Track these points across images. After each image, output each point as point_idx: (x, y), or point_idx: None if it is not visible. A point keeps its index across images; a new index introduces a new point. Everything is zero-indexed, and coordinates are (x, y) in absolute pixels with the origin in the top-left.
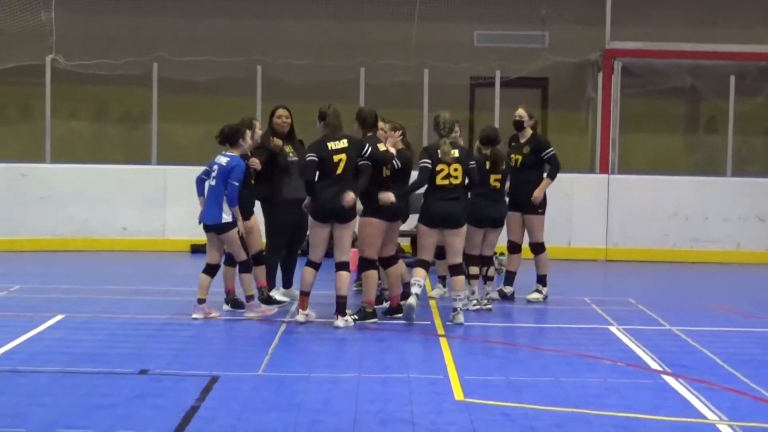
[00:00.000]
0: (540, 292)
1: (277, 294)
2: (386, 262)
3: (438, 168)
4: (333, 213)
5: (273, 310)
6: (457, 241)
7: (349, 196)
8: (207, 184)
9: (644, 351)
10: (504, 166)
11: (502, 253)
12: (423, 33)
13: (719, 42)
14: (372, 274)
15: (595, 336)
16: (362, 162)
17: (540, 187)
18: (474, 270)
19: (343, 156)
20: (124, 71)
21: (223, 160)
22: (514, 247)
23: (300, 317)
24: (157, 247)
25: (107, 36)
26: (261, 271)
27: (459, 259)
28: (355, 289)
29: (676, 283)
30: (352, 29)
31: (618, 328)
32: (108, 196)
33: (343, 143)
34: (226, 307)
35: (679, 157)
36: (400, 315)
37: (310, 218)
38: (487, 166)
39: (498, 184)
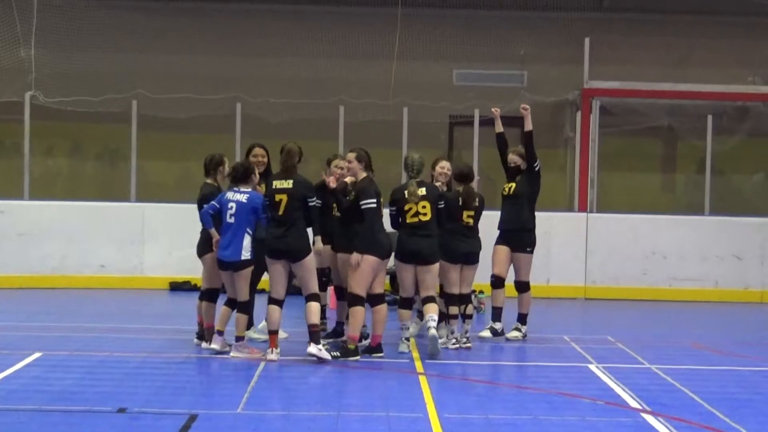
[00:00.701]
0: (519, 330)
1: (254, 332)
2: (374, 300)
3: (406, 207)
4: (282, 253)
5: (260, 353)
6: (428, 277)
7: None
8: (225, 220)
9: (623, 389)
10: (477, 203)
11: (480, 291)
12: (402, 71)
13: (696, 82)
14: (359, 311)
15: (574, 374)
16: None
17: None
18: (453, 310)
19: (284, 197)
20: (104, 108)
21: (242, 197)
22: (497, 282)
23: (273, 356)
24: (135, 285)
25: (86, 73)
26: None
27: (432, 292)
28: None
29: (655, 321)
30: (331, 67)
31: (597, 366)
32: (86, 234)
33: (288, 183)
34: (197, 341)
35: (657, 196)
36: (380, 354)
37: (266, 256)
38: (460, 203)
39: (471, 221)
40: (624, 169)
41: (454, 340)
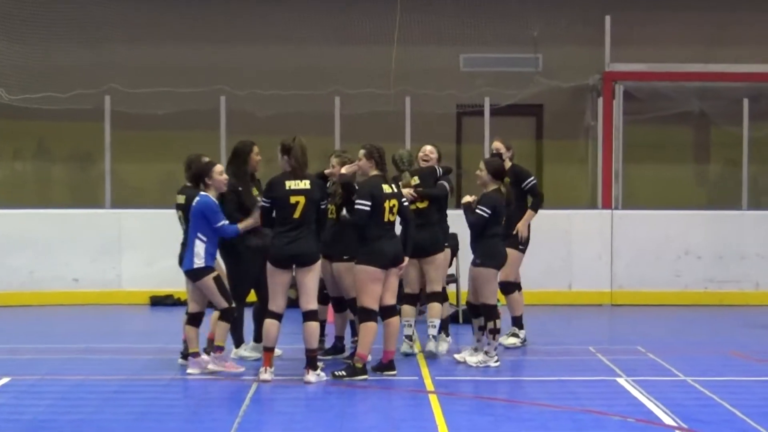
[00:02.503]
0: (517, 335)
1: (245, 349)
2: (384, 313)
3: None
4: (292, 258)
5: (239, 369)
6: (432, 270)
7: None
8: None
9: (656, 404)
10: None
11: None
12: (403, 57)
13: (730, 62)
14: (370, 327)
15: (602, 389)
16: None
17: (523, 220)
18: (498, 323)
19: (302, 199)
20: (73, 105)
21: (193, 200)
22: (510, 287)
23: (267, 375)
24: (112, 300)
25: (53, 67)
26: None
27: (437, 287)
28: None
29: (690, 329)
30: (324, 54)
31: (626, 380)
32: (57, 245)
33: (305, 184)
34: (182, 361)
35: (690, 190)
36: (393, 372)
37: (268, 264)
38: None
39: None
40: (652, 160)
41: (496, 357)
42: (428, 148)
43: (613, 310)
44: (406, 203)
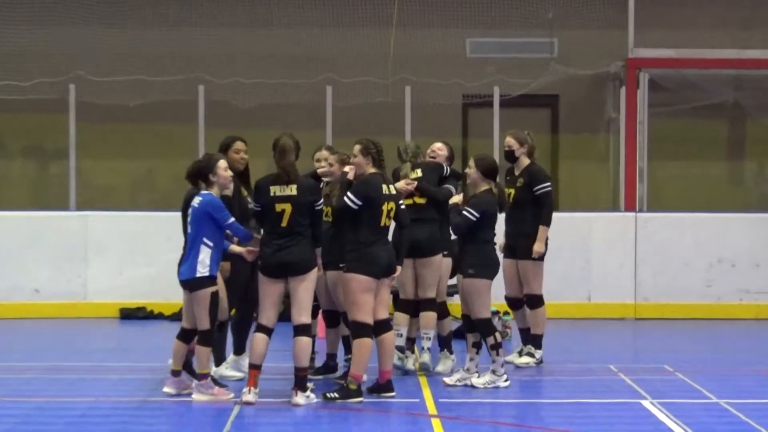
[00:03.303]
0: (532, 355)
1: (227, 368)
2: (377, 328)
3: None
4: (283, 267)
5: (229, 395)
6: (427, 273)
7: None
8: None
9: (685, 430)
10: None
11: (506, 312)
12: (403, 42)
13: (767, 47)
14: (364, 343)
15: (625, 412)
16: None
17: (538, 240)
18: (498, 337)
19: (287, 207)
20: (33, 95)
21: (196, 201)
22: (517, 303)
23: (250, 396)
24: (77, 313)
25: (11, 52)
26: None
27: (431, 294)
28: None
29: (723, 345)
30: (315, 39)
31: (652, 402)
32: (15, 251)
33: (291, 189)
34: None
35: (723, 190)
36: (391, 394)
37: (259, 273)
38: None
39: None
40: (680, 157)
41: (505, 376)
42: (438, 144)
43: (637, 325)
44: (403, 207)
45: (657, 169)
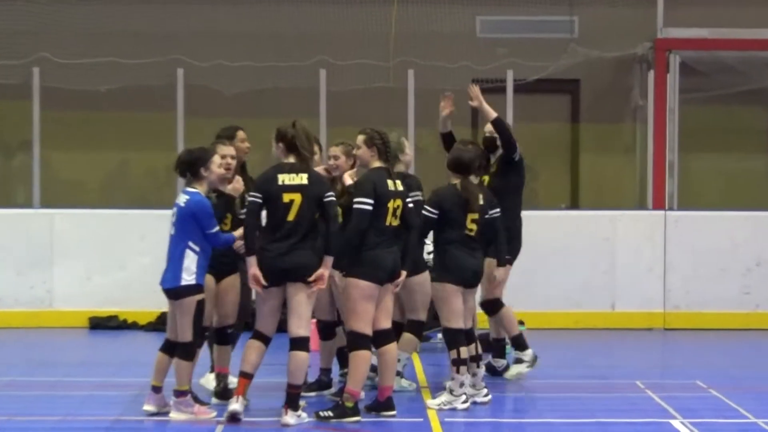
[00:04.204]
0: (521, 360)
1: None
2: (379, 339)
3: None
4: (285, 273)
5: (211, 413)
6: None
7: None
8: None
9: None
10: (481, 203)
11: (520, 322)
12: (406, 20)
13: None
14: (362, 356)
15: None
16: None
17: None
18: (464, 352)
19: (297, 197)
20: None
21: (182, 199)
22: (490, 305)
23: (237, 405)
24: (41, 322)
25: None
26: (225, 352)
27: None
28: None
29: (761, 359)
30: (307, 17)
31: (683, 422)
32: None
33: (302, 178)
34: (214, 400)
35: (761, 186)
36: (392, 413)
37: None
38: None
39: (474, 228)
40: (715, 148)
41: (463, 397)
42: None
43: (667, 336)
44: (411, 205)
45: (689, 163)
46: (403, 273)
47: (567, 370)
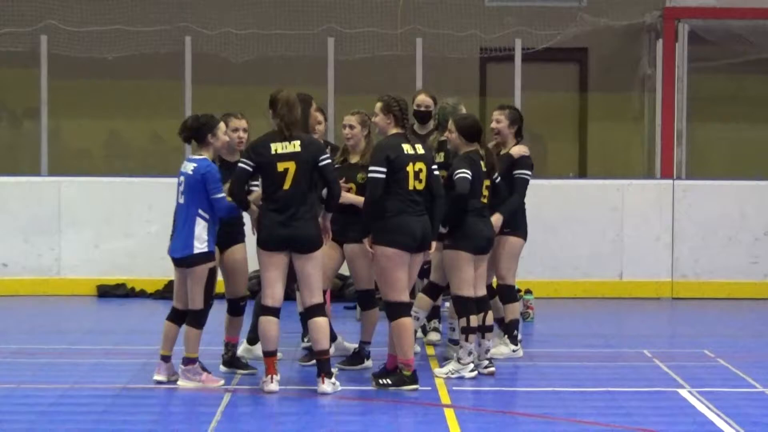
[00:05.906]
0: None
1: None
2: (395, 310)
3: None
4: (287, 242)
5: (219, 381)
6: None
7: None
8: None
9: (728, 423)
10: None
11: (528, 291)
12: None
13: None
14: (403, 323)
15: (660, 402)
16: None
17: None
18: (473, 320)
19: (291, 165)
20: (0, 47)
21: (189, 167)
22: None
23: (273, 385)
24: (50, 290)
25: None
26: (237, 323)
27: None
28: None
29: None
30: None
31: (690, 392)
32: None
33: (294, 146)
34: (222, 368)
35: None
36: (413, 386)
37: (257, 249)
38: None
39: (487, 194)
40: (724, 118)
41: (471, 365)
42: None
43: (675, 305)
44: (436, 172)
45: (697, 132)
46: (434, 244)
47: (575, 339)
